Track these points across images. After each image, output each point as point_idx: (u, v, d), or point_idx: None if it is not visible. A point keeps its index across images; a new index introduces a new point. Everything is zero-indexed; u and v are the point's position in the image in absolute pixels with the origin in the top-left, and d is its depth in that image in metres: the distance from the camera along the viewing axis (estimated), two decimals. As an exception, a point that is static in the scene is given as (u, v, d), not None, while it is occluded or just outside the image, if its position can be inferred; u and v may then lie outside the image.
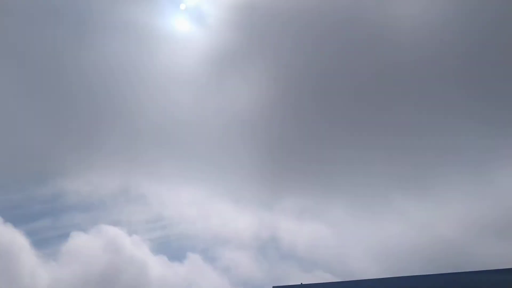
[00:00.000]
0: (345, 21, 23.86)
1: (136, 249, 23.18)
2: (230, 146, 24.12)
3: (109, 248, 22.93)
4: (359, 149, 23.17)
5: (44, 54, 23.78)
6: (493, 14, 22.11)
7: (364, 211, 23.06)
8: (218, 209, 24.41)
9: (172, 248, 24.44)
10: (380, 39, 23.54)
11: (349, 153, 22.95)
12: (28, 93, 23.60)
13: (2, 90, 23.58)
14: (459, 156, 21.89)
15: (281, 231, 23.94)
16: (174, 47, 24.20)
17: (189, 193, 24.13)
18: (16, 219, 23.10)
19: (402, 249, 21.70)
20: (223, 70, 24.10)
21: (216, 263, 23.53)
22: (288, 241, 23.78)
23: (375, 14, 23.75)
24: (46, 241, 23.26)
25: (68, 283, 21.05)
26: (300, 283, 10.85)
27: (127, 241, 23.30)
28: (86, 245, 22.76)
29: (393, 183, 23.04)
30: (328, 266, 22.11)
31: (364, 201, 22.86)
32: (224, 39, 24.09)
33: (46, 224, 23.74)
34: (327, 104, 23.99)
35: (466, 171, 21.76)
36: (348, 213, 23.24)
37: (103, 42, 23.94)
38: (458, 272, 9.55)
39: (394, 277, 10.28)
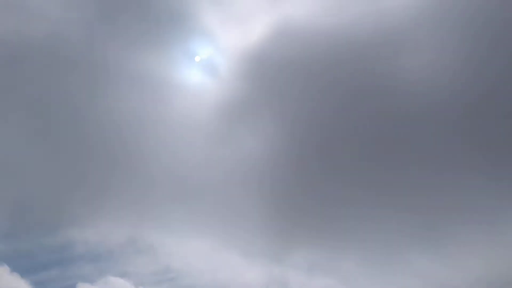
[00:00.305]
0: (354, 73, 24.22)
1: (143, 301, 22.74)
2: (239, 197, 24.02)
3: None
4: (371, 206, 22.89)
5: (57, 103, 24.27)
6: (504, 66, 22.30)
7: (377, 268, 22.57)
8: (226, 262, 24.01)
9: (179, 301, 23.90)
10: (389, 91, 23.76)
11: (361, 210, 22.67)
12: (40, 142, 23.93)
13: (14, 138, 23.95)
14: (473, 214, 21.49)
15: (291, 285, 23.45)
16: (187, 97, 24.66)
17: (197, 245, 23.84)
18: (23, 268, 22.95)
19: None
20: (234, 120, 24.42)
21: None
22: (298, 296, 23.19)
23: (383, 65, 24.09)
24: (52, 293, 22.95)
25: None
26: None
27: (134, 293, 22.91)
28: (92, 297, 22.39)
29: (406, 240, 22.60)
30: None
31: (377, 257, 22.41)
32: (234, 89, 24.58)
33: (53, 275, 23.49)
34: (337, 158, 23.94)
35: (480, 229, 21.31)
36: (360, 269, 22.74)
37: (118, 91, 24.47)
38: None
39: None
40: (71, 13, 24.29)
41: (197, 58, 24.14)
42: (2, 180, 23.68)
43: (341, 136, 24.00)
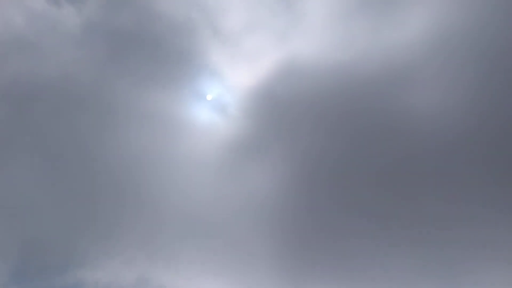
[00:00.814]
0: (362, 110, 24.18)
1: None
2: (250, 235, 23.71)
3: None
4: (384, 241, 22.46)
5: (68, 143, 24.49)
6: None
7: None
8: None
9: None
10: (397, 128, 23.62)
11: (374, 245, 22.21)
12: (50, 182, 24.03)
13: (25, 179, 24.10)
14: (492, 250, 20.89)
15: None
16: (196, 136, 24.73)
17: (208, 285, 23.42)
18: (33, 310, 22.73)
19: None
20: (243, 158, 24.35)
21: None
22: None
23: (391, 102, 24.03)
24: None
25: None
26: None
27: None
28: None
29: (422, 276, 21.99)
30: None
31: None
32: (243, 127, 24.63)
33: (63, 317, 23.18)
34: (347, 194, 23.65)
35: (499, 266, 20.68)
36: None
37: (127, 130, 24.65)
38: None
39: None
40: (82, 53, 24.80)
41: (208, 97, 24.32)
42: (13, 220, 23.74)
43: (350, 172, 23.77)
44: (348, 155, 23.88)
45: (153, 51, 24.30)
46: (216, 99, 24.56)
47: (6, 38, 24.56)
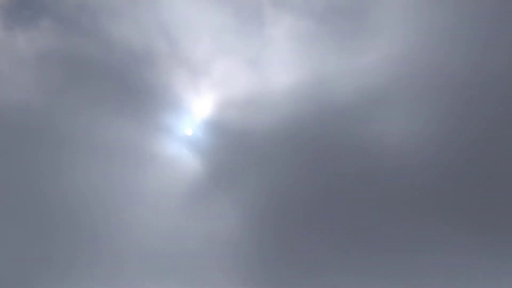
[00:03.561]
0: (334, 138, 23.47)
1: None
2: (216, 272, 22.73)
3: None
4: (356, 274, 21.72)
5: (21, 176, 23.20)
6: (478, 133, 21.68)
7: None
8: None
9: None
10: (364, 153, 22.95)
11: (346, 278, 21.42)
12: (1, 218, 22.77)
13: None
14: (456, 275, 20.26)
15: None
16: (161, 169, 23.62)
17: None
18: None
19: None
20: (210, 192, 23.34)
21: None
22: None
23: (363, 127, 23.31)
24: None
25: None
26: None
27: None
28: None
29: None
30: None
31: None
32: (211, 161, 23.61)
33: None
34: (316, 227, 22.79)
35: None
36: None
37: (88, 163, 23.43)
38: None
39: None
40: (37, 81, 23.50)
41: (186, 131, 23.23)
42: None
43: (320, 205, 22.94)
44: (319, 186, 23.07)
45: (114, 80, 23.12)
46: (181, 131, 23.45)
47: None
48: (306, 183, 23.35)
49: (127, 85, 23.14)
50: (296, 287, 22.69)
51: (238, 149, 23.23)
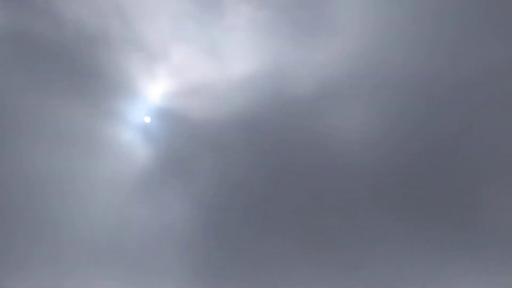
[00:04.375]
0: (290, 129, 23.31)
1: None
2: (161, 264, 22.06)
3: None
4: (303, 269, 21.54)
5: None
6: (435, 129, 22.03)
7: None
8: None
9: None
10: (318, 148, 22.94)
11: (293, 274, 21.19)
12: None
13: None
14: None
15: None
16: (111, 156, 22.76)
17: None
18: None
19: None
20: (161, 182, 22.66)
21: None
22: None
23: (318, 122, 23.28)
24: None
25: None
26: None
27: None
28: None
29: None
30: None
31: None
32: (163, 149, 22.95)
33: None
34: (267, 221, 22.53)
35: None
36: None
37: (34, 148, 22.33)
38: None
39: None
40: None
41: (140, 118, 22.43)
42: None
43: (270, 195, 22.71)
44: (271, 178, 22.84)
45: (65, 62, 22.14)
46: (135, 117, 22.69)
47: None
48: (258, 174, 23.08)
49: (79, 67, 22.24)
50: (244, 278, 22.35)
51: (192, 138, 22.72)
